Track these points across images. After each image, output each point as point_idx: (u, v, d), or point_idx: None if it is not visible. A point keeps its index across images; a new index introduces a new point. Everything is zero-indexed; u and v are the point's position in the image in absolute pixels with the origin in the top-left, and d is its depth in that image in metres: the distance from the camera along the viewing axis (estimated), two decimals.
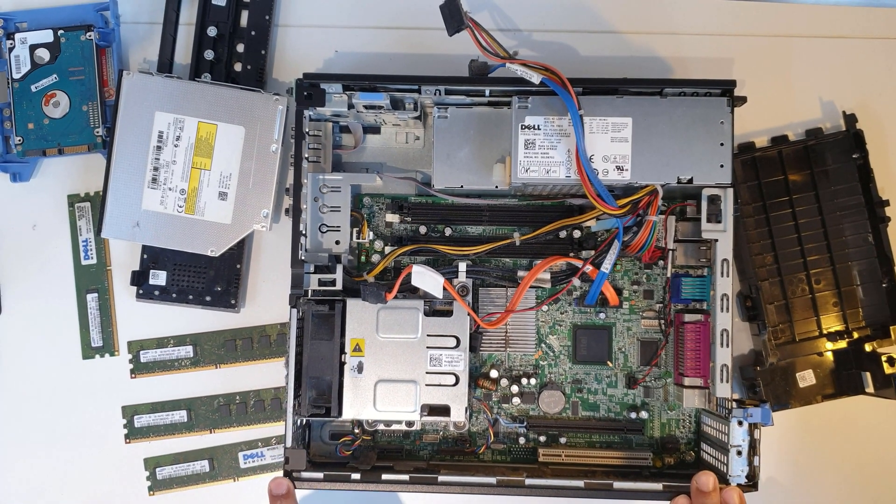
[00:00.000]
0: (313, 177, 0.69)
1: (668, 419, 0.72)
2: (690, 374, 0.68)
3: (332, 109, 0.69)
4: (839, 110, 0.74)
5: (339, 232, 0.70)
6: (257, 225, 0.72)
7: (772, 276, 0.71)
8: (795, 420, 0.73)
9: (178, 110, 0.72)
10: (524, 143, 0.65)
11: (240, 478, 0.75)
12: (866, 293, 0.71)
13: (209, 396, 0.75)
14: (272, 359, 0.75)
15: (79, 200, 0.76)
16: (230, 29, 0.75)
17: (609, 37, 0.76)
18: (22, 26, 0.75)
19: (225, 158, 0.72)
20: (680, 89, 0.65)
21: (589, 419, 0.73)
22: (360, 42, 0.77)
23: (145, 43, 0.77)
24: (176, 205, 0.72)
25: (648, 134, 0.65)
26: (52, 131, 0.74)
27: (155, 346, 0.75)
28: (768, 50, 0.75)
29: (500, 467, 0.70)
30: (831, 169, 0.71)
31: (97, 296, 0.76)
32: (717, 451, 0.66)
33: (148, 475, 0.75)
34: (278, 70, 0.77)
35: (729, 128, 0.65)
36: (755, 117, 0.74)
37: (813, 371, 0.71)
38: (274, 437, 0.75)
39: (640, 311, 0.72)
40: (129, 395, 0.75)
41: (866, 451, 0.73)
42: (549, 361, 0.73)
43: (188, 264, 0.74)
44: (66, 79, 0.74)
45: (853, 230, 0.71)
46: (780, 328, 0.71)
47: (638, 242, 0.68)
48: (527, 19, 0.76)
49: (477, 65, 0.66)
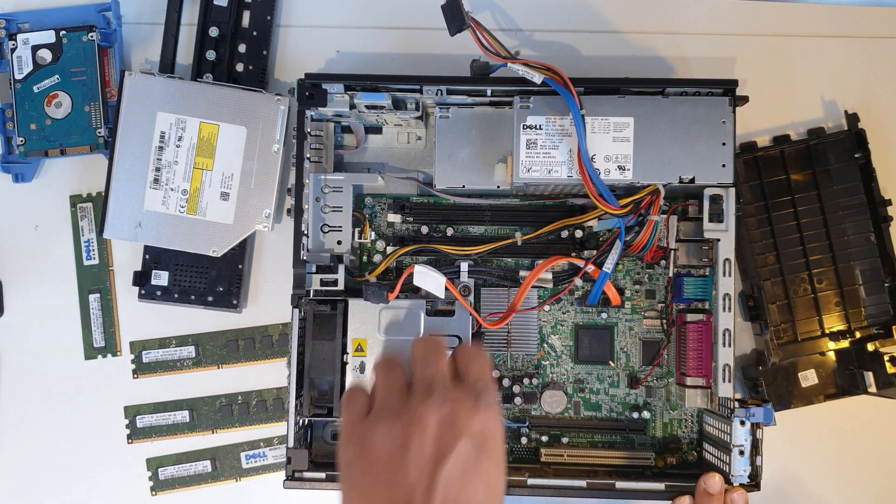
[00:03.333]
0: (315, 177, 0.69)
1: (671, 419, 0.72)
2: (692, 373, 0.68)
3: (333, 109, 0.69)
4: (841, 110, 0.74)
5: (341, 232, 0.70)
6: (259, 225, 0.72)
7: (774, 275, 0.71)
8: (797, 420, 0.73)
9: (180, 111, 0.72)
10: (526, 142, 0.65)
11: (242, 478, 0.75)
12: (868, 293, 0.71)
13: (211, 397, 0.75)
14: (274, 359, 0.75)
15: (81, 201, 0.76)
16: (232, 29, 0.75)
17: (611, 36, 0.76)
18: (24, 27, 0.75)
19: (227, 159, 0.72)
20: (682, 89, 0.65)
21: (591, 419, 0.73)
22: (362, 42, 0.77)
23: (147, 43, 0.77)
24: (178, 205, 0.72)
25: (650, 133, 0.65)
26: (54, 132, 0.74)
27: (157, 347, 0.75)
28: (770, 49, 0.75)
29: None
30: (833, 168, 0.71)
31: (99, 296, 0.76)
32: (720, 450, 0.66)
33: (150, 475, 0.75)
34: (280, 70, 0.77)
35: (731, 127, 0.65)
36: (757, 117, 0.74)
37: (815, 371, 0.71)
38: (276, 438, 0.75)
39: (642, 310, 0.72)
40: (131, 395, 0.75)
41: (869, 450, 0.73)
42: (550, 361, 0.73)
43: (190, 265, 0.74)
44: (68, 79, 0.74)
45: (855, 230, 0.71)
46: (783, 328, 0.71)
47: (640, 242, 0.68)
48: (528, 19, 0.76)
49: (478, 65, 0.66)
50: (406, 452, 0.49)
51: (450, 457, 0.49)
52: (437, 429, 0.50)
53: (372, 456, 0.50)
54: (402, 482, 0.49)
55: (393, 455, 0.50)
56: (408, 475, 0.49)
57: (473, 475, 0.49)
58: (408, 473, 0.49)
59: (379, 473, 0.50)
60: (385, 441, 0.50)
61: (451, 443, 0.49)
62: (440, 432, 0.50)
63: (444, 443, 0.49)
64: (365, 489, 0.50)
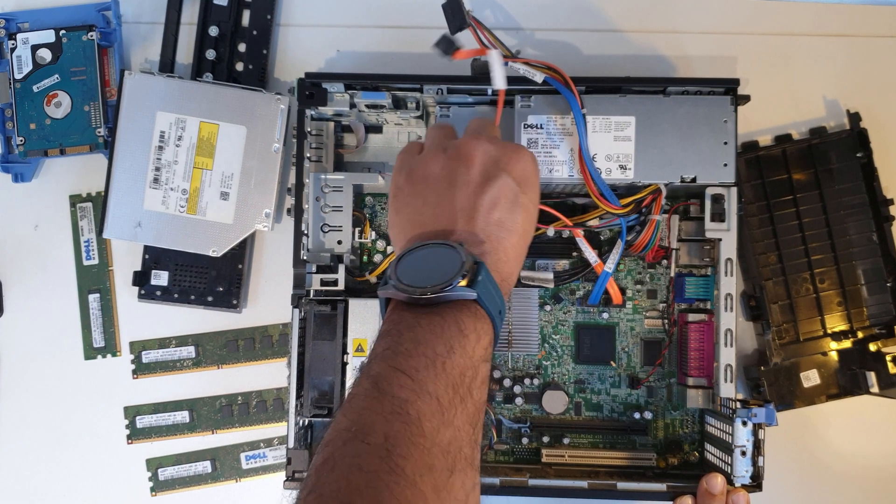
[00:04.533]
0: (315, 176, 0.69)
1: (672, 419, 0.72)
2: (694, 373, 0.68)
3: (333, 109, 0.69)
4: (843, 109, 0.74)
5: (342, 232, 0.70)
6: (259, 225, 0.72)
7: (776, 275, 0.71)
8: (799, 420, 0.72)
9: (180, 110, 0.71)
10: (527, 142, 0.65)
11: (242, 479, 0.75)
12: (871, 292, 0.71)
13: (211, 397, 0.75)
14: (274, 359, 0.75)
15: (80, 201, 0.76)
16: (232, 28, 0.75)
17: (612, 35, 0.75)
18: (24, 26, 0.75)
19: (227, 158, 0.72)
20: (683, 88, 0.65)
21: (592, 419, 0.72)
22: (362, 41, 0.76)
23: (147, 43, 0.77)
24: (178, 205, 0.72)
25: (651, 133, 0.65)
26: (53, 131, 0.74)
27: (157, 347, 0.75)
28: (772, 48, 0.75)
29: (503, 468, 0.70)
30: (835, 168, 0.71)
31: (99, 296, 0.76)
32: (721, 451, 0.66)
33: (150, 476, 0.75)
34: (280, 69, 0.77)
35: (732, 126, 0.65)
36: (759, 116, 0.73)
37: (817, 371, 0.71)
38: (276, 438, 0.75)
39: (644, 310, 0.72)
40: (130, 395, 0.75)
41: (871, 451, 0.73)
42: (552, 361, 0.72)
43: (190, 264, 0.74)
44: (68, 79, 0.74)
45: (857, 229, 0.71)
46: (784, 328, 0.71)
47: (641, 242, 0.68)
48: (529, 18, 0.76)
49: (479, 64, 0.65)
50: (454, 179, 0.53)
51: (494, 185, 0.53)
52: (483, 162, 0.54)
53: (422, 180, 0.54)
54: (449, 203, 0.53)
55: (441, 179, 0.54)
56: (455, 197, 0.53)
57: (513, 205, 0.53)
58: (455, 196, 0.53)
59: (427, 195, 0.54)
60: (435, 168, 0.54)
61: (496, 174, 0.53)
62: (486, 165, 0.53)
63: (489, 174, 0.53)
64: (414, 210, 0.54)
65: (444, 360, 0.46)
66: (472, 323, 0.49)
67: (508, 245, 0.53)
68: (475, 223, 0.52)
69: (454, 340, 0.47)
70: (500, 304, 0.51)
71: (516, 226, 0.53)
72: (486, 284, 0.49)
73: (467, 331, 0.48)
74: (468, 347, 0.48)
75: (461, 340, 0.47)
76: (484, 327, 0.49)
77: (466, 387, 0.47)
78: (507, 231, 0.53)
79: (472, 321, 0.49)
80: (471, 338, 0.48)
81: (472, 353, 0.48)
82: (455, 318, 0.48)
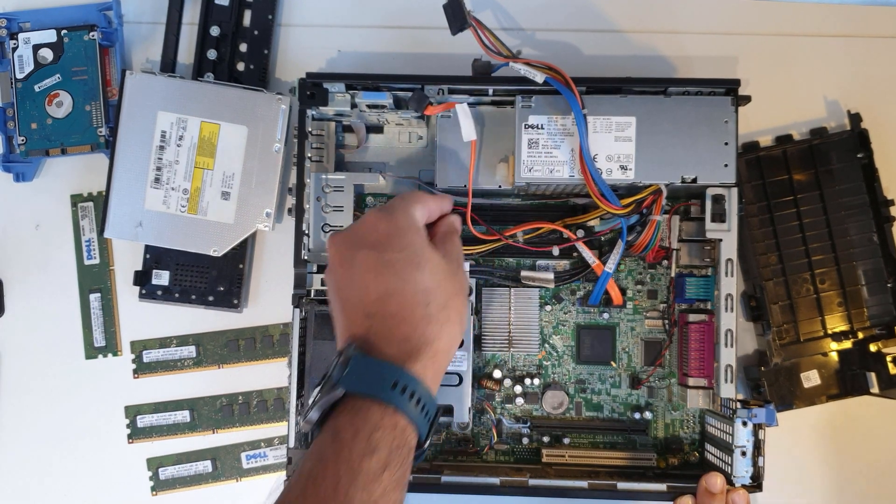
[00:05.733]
0: (316, 176, 0.69)
1: (672, 419, 0.72)
2: (694, 374, 0.68)
3: (334, 109, 0.69)
4: (844, 109, 0.74)
5: None
6: (260, 225, 0.72)
7: (776, 275, 0.71)
8: (800, 421, 0.72)
9: (181, 110, 0.72)
10: (527, 142, 0.65)
11: (242, 478, 0.75)
12: (871, 293, 0.71)
13: (212, 397, 0.75)
14: (275, 359, 0.75)
15: (82, 200, 0.76)
16: (233, 28, 0.75)
17: (612, 36, 0.76)
18: (25, 26, 0.75)
19: (228, 158, 0.72)
20: (684, 88, 0.65)
21: (592, 419, 0.72)
22: (363, 41, 0.76)
23: (148, 43, 0.77)
24: (179, 205, 0.72)
25: (652, 133, 0.65)
26: (55, 131, 0.74)
27: (158, 347, 0.75)
28: (773, 49, 0.75)
29: (503, 468, 0.70)
30: (836, 168, 0.71)
31: (100, 296, 0.76)
32: (722, 451, 0.66)
33: (150, 475, 0.75)
34: (281, 69, 0.77)
35: (733, 127, 0.65)
36: (759, 116, 0.73)
37: (817, 371, 0.71)
38: (277, 438, 0.75)
39: (644, 311, 0.72)
40: (131, 395, 0.75)
41: (871, 451, 0.73)
42: (552, 362, 0.73)
43: (191, 264, 0.74)
44: (69, 79, 0.74)
45: (858, 230, 0.71)
46: (785, 328, 0.71)
47: (642, 242, 0.68)
48: (530, 18, 0.76)
49: (480, 64, 0.65)
50: (331, 285, 0.55)
51: (355, 265, 0.52)
52: (338, 251, 0.54)
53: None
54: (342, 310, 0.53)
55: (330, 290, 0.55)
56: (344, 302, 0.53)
57: (382, 268, 0.52)
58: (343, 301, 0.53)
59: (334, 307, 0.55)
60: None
61: (352, 255, 0.53)
62: (342, 254, 0.53)
63: (346, 260, 0.53)
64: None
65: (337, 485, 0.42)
66: (348, 420, 0.44)
67: (393, 306, 0.50)
68: (359, 314, 0.51)
69: (329, 454, 0.43)
70: (396, 376, 0.47)
71: (391, 285, 0.51)
72: (359, 367, 0.46)
73: (344, 434, 0.44)
74: (345, 453, 0.43)
75: (336, 449, 0.43)
76: (370, 417, 0.45)
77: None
78: (387, 296, 0.50)
79: (349, 418, 0.44)
80: (350, 442, 0.44)
81: (353, 459, 0.43)
82: (331, 426, 0.45)
